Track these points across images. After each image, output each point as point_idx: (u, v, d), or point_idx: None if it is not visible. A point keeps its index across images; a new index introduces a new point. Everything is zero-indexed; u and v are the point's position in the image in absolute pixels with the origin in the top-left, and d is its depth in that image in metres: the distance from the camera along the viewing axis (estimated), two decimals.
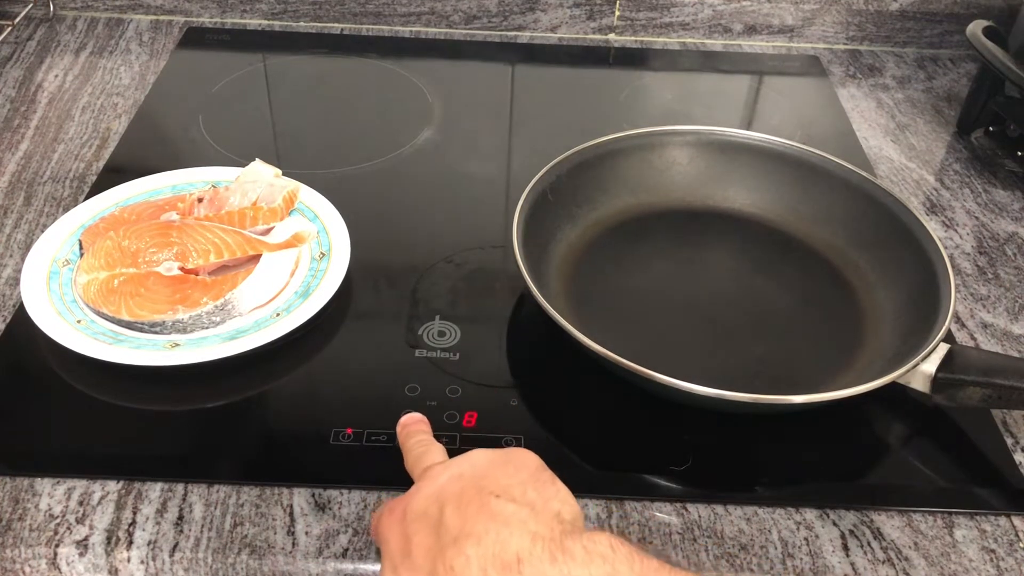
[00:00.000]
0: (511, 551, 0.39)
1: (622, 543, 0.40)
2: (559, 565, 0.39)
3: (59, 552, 0.51)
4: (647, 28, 1.05)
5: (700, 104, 0.95)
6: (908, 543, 0.54)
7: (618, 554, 0.39)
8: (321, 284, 0.65)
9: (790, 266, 0.71)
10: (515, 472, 0.44)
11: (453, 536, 0.41)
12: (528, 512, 0.41)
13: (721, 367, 0.63)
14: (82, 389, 0.60)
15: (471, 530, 0.40)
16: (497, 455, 0.46)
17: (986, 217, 0.80)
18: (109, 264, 0.64)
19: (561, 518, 0.42)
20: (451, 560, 0.40)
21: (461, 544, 0.40)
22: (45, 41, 0.99)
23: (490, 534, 0.40)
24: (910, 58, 1.05)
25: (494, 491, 0.42)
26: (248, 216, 0.70)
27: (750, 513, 0.55)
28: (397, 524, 0.44)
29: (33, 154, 0.82)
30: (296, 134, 0.87)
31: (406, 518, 0.43)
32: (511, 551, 0.39)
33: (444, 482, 0.44)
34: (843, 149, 0.87)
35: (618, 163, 0.74)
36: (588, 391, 0.61)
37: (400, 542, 0.43)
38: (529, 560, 0.39)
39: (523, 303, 0.68)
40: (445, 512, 0.42)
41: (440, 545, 0.41)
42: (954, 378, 0.57)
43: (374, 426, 0.58)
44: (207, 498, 0.54)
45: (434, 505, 0.43)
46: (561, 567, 0.39)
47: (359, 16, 1.04)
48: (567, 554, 0.39)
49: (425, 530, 0.42)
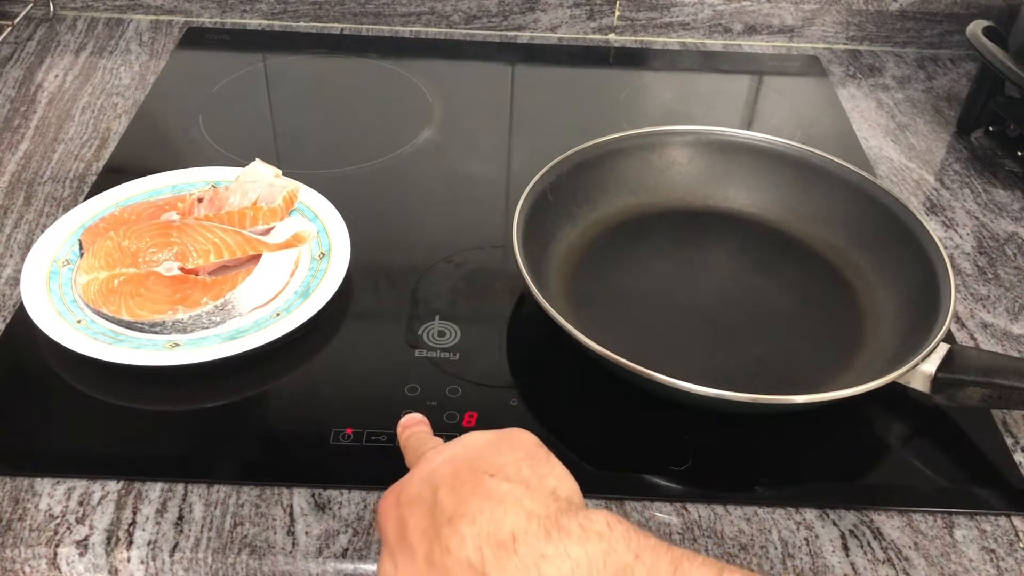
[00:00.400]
0: (506, 529, 0.39)
1: (619, 521, 0.40)
2: (554, 543, 0.38)
3: (59, 552, 0.51)
4: (647, 28, 1.05)
5: (700, 104, 0.95)
6: (908, 543, 0.54)
7: (615, 532, 0.39)
8: (321, 284, 0.65)
9: (790, 266, 0.71)
10: (509, 451, 0.44)
11: (448, 516, 0.41)
12: (523, 490, 0.41)
13: (721, 367, 0.63)
14: (82, 389, 0.60)
15: (465, 510, 0.40)
16: (491, 436, 0.45)
17: (986, 217, 0.80)
18: (109, 264, 0.64)
19: (557, 495, 0.42)
20: (446, 540, 0.40)
21: (456, 524, 0.40)
22: (45, 41, 0.99)
23: (484, 513, 0.40)
24: (910, 58, 1.05)
25: (488, 471, 0.42)
26: (248, 216, 0.70)
27: (750, 513, 0.55)
28: (392, 509, 0.44)
29: (33, 154, 0.82)
30: (296, 134, 0.87)
31: (400, 502, 0.43)
32: (506, 529, 0.39)
33: (437, 464, 0.44)
34: (843, 149, 0.87)
35: (618, 163, 0.74)
36: (588, 391, 0.61)
37: (396, 527, 0.43)
38: (524, 538, 0.39)
39: (523, 303, 0.68)
40: (439, 493, 0.42)
41: (435, 526, 0.41)
42: (954, 378, 0.57)
43: (374, 426, 0.58)
44: (207, 498, 0.54)
45: (427, 488, 0.43)
46: (556, 544, 0.38)
47: (359, 16, 1.04)
48: (563, 531, 0.39)
49: (420, 513, 0.42)
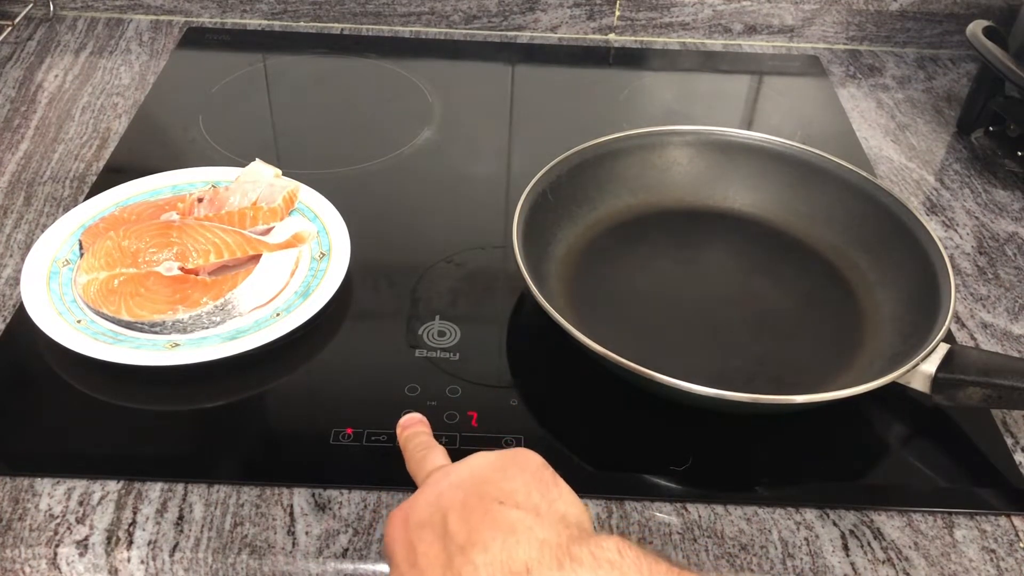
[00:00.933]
0: (519, 560, 0.39)
1: (630, 547, 0.40)
2: (567, 572, 0.39)
3: (59, 552, 0.51)
4: (647, 28, 1.05)
5: (700, 104, 0.95)
6: (908, 543, 0.54)
7: (626, 559, 0.39)
8: (321, 284, 0.65)
9: (790, 266, 0.71)
10: (517, 475, 0.44)
11: (459, 545, 0.41)
12: (533, 518, 0.41)
13: (721, 367, 0.63)
14: (82, 389, 0.60)
15: (477, 538, 0.40)
16: (497, 458, 0.45)
17: (986, 217, 0.80)
18: (109, 264, 0.64)
19: (567, 521, 0.42)
20: (459, 568, 0.40)
21: (468, 553, 0.40)
22: (45, 41, 0.99)
23: (496, 542, 0.40)
24: (910, 58, 1.05)
25: (497, 497, 0.42)
26: (248, 216, 0.70)
27: (750, 513, 0.55)
28: (401, 532, 0.44)
29: (33, 154, 0.82)
30: (296, 134, 0.87)
31: (409, 526, 0.43)
32: (519, 560, 0.39)
33: (445, 488, 0.44)
34: (843, 149, 0.87)
35: (618, 163, 0.74)
36: (588, 391, 0.61)
37: (405, 551, 0.43)
38: (538, 568, 0.39)
39: (523, 303, 0.68)
40: (449, 520, 0.42)
41: (447, 553, 0.41)
42: (954, 378, 0.57)
43: (374, 426, 0.58)
44: (207, 498, 0.54)
45: (437, 513, 0.43)
46: (569, 574, 0.39)
47: (359, 16, 1.04)
48: (575, 560, 0.39)
49: (430, 538, 0.42)
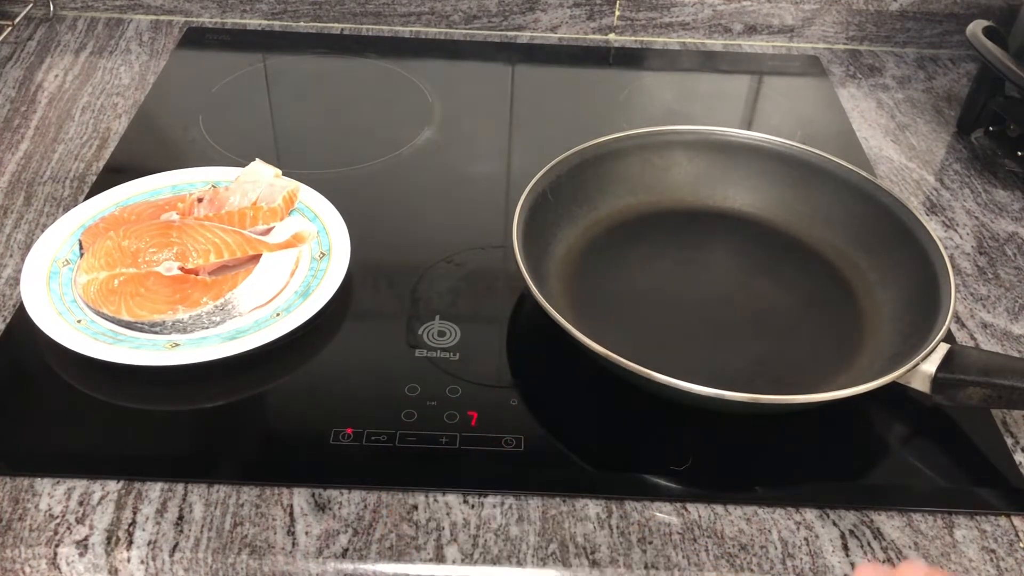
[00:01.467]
0: None
1: None
2: None
3: (59, 552, 0.51)
4: (647, 28, 1.05)
5: (700, 104, 0.95)
6: (908, 543, 0.54)
7: None
8: (321, 284, 0.65)
9: (790, 266, 0.71)
10: None
11: None
12: None
13: (721, 367, 0.63)
14: (82, 389, 0.60)
15: None
16: None
17: (986, 217, 0.80)
18: (109, 264, 0.64)
19: None
20: None
21: None
22: (45, 41, 0.99)
23: None
24: (910, 58, 1.05)
25: None
26: (248, 216, 0.70)
27: (750, 513, 0.55)
28: None
29: (33, 154, 0.82)
30: (296, 134, 0.87)
31: None
32: None
33: None
34: (843, 149, 0.87)
35: (618, 163, 0.74)
36: (588, 391, 0.61)
37: None
38: None
39: (523, 303, 0.68)
40: None
41: None
42: (954, 378, 0.57)
43: (374, 426, 0.58)
44: (207, 498, 0.54)
45: None
46: None
47: (359, 16, 1.04)
48: None
49: None
